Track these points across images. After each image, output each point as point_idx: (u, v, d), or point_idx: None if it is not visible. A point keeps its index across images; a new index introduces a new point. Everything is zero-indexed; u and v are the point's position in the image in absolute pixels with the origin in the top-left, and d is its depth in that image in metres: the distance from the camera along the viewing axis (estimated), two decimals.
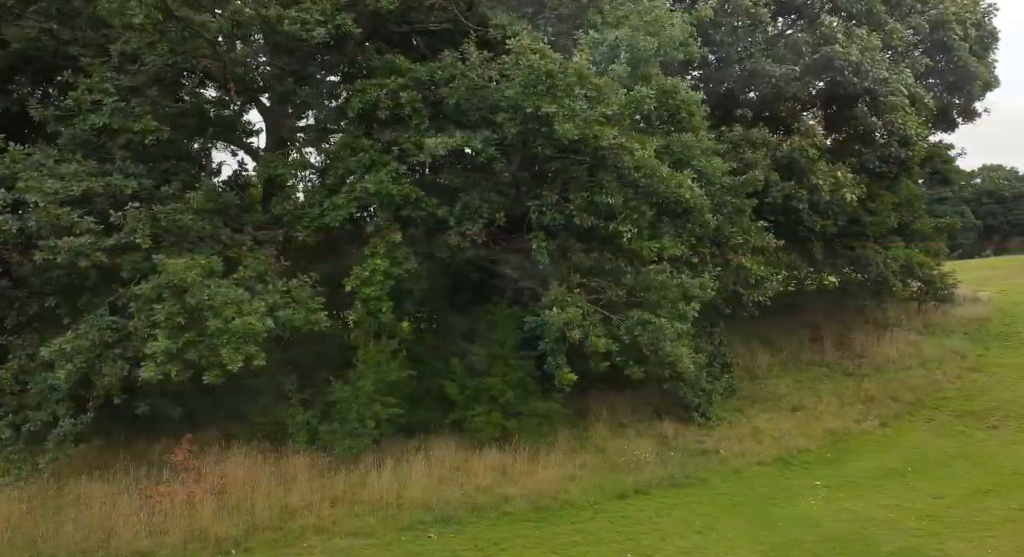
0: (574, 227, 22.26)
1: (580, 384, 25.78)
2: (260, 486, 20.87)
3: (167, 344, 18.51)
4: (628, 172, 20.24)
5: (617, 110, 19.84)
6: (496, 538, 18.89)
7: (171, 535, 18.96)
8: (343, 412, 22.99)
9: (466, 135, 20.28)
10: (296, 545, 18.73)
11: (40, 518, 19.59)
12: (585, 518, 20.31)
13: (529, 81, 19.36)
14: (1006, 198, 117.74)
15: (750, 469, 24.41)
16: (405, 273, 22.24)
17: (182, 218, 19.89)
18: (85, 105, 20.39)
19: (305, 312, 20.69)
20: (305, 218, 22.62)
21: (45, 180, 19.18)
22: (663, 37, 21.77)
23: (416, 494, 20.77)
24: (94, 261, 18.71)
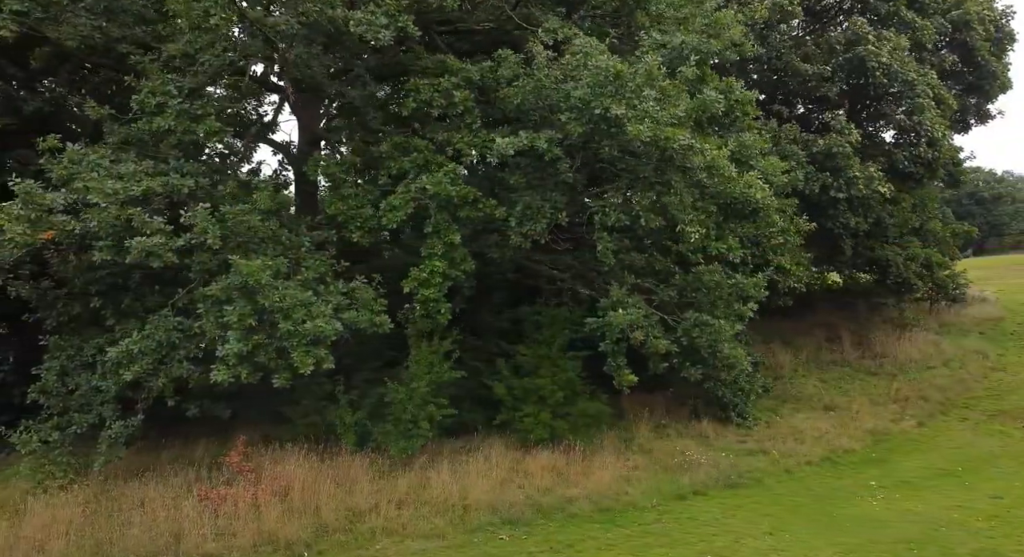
0: (635, 228, 22.21)
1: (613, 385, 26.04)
2: (321, 488, 20.75)
3: (239, 346, 18.32)
4: (696, 173, 20.14)
5: (686, 112, 19.76)
6: (569, 540, 18.84)
7: (239, 538, 18.85)
8: (397, 413, 22.90)
9: (531, 135, 20.07)
10: (368, 547, 18.64)
11: (103, 521, 19.50)
12: (650, 519, 20.30)
13: (597, 82, 19.23)
14: (985, 199, 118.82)
15: (800, 469, 24.48)
16: (462, 274, 22.10)
17: (250, 219, 19.66)
18: (149, 107, 20.10)
19: (369, 314, 20.56)
20: (358, 218, 22.41)
21: (105, 181, 18.91)
22: (724, 39, 21.78)
23: (480, 495, 20.67)
24: (166, 261, 18.45)
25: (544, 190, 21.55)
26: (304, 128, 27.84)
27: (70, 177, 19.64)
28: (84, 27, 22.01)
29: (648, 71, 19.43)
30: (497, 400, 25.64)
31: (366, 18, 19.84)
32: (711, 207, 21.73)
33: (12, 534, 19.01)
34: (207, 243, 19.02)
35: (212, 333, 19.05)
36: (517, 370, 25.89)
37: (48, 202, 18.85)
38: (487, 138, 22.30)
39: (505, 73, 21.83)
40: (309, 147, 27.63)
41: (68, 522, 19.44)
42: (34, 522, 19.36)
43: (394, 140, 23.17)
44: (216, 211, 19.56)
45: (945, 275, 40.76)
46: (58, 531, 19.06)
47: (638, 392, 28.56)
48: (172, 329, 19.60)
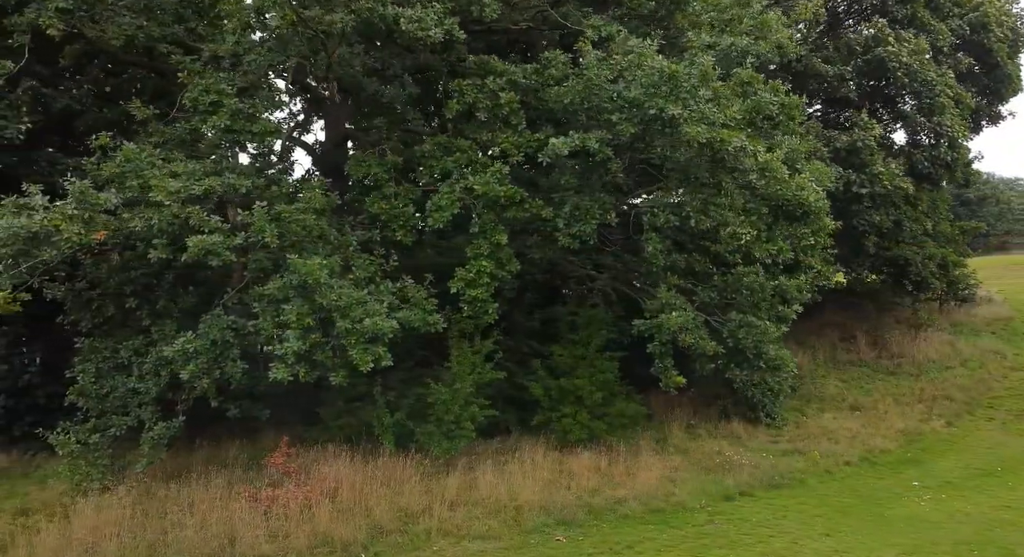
0: (684, 228, 22.23)
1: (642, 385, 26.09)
2: (370, 489, 20.67)
3: (298, 345, 18.23)
4: (746, 174, 20.15)
5: (740, 114, 19.78)
6: (627, 541, 18.85)
7: (293, 539, 18.76)
8: (439, 413, 22.86)
9: (583, 135, 20.04)
10: (425, 549, 18.57)
11: (153, 522, 19.39)
12: (702, 520, 20.33)
13: (652, 82, 19.21)
14: (971, 200, 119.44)
15: (840, 470, 24.57)
16: (508, 275, 22.07)
17: (305, 218, 19.56)
18: (203, 106, 19.96)
19: (422, 313, 20.52)
20: (400, 218, 22.33)
21: (166, 179, 18.78)
22: (771, 41, 21.82)
23: (530, 496, 20.64)
24: (224, 260, 18.33)
25: (592, 190, 21.47)
26: (331, 128, 27.75)
27: (122, 175, 19.45)
28: (128, 26, 21.82)
29: (703, 72, 19.42)
30: (530, 400, 25.67)
31: (417, 16, 19.75)
32: (762, 209, 21.75)
33: (63, 536, 18.85)
34: (264, 242, 18.87)
35: (269, 332, 18.92)
36: (552, 370, 25.87)
37: (102, 202, 18.66)
38: (531, 139, 22.30)
39: (554, 73, 21.73)
40: (335, 147, 27.56)
41: (117, 524, 19.31)
42: (83, 524, 19.21)
43: (436, 140, 23.10)
44: (271, 210, 19.40)
45: (958, 274, 40.93)
46: (108, 533, 18.94)
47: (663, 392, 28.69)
48: (226, 328, 19.40)
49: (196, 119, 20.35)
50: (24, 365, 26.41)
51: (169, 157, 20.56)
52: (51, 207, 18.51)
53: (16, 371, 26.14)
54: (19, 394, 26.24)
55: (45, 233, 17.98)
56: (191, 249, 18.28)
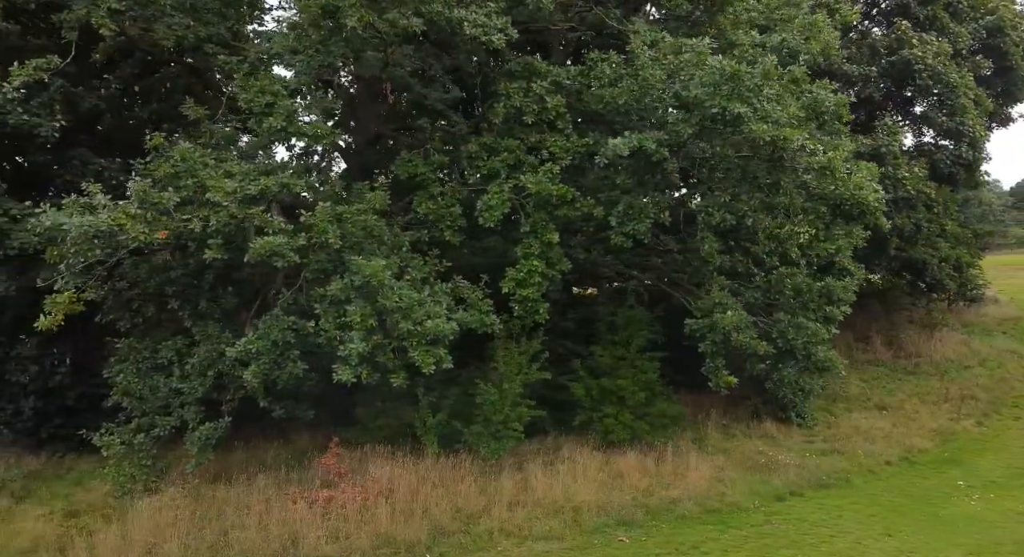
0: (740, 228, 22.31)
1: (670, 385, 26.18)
2: (424, 489, 20.65)
3: (362, 346, 18.17)
4: (801, 173, 20.23)
5: (802, 112, 19.87)
6: (690, 541, 18.91)
7: (355, 540, 18.75)
8: (487, 414, 22.84)
9: (639, 135, 20.06)
10: (490, 549, 18.59)
11: (213, 523, 19.36)
12: (759, 520, 20.40)
13: (713, 81, 19.25)
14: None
15: (882, 469, 24.70)
16: (558, 274, 22.09)
17: (366, 218, 19.52)
18: (259, 107, 19.88)
19: (478, 314, 20.52)
20: (448, 218, 22.31)
21: (222, 179, 18.70)
22: (820, 41, 21.92)
23: (586, 497, 20.67)
24: (289, 261, 18.26)
25: (646, 190, 21.51)
26: (361, 128, 27.65)
27: (176, 175, 19.35)
28: (178, 26, 21.70)
29: (765, 70, 19.49)
30: (565, 400, 25.66)
31: (481, 21, 19.76)
32: (821, 208, 21.85)
33: (122, 537, 18.76)
34: (328, 242, 18.81)
35: (331, 333, 18.84)
36: (591, 371, 25.88)
37: (164, 201, 18.56)
38: (578, 143, 22.36)
39: (608, 74, 21.74)
40: (367, 147, 27.49)
41: (173, 525, 19.26)
42: (140, 525, 19.13)
43: (481, 140, 23.08)
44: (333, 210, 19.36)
45: (969, 275, 41.23)
46: (167, 534, 18.87)
47: (689, 392, 28.84)
48: (286, 329, 19.31)
49: (252, 120, 20.18)
50: (54, 366, 26.08)
51: (220, 157, 20.46)
52: (114, 206, 18.41)
53: (46, 372, 25.81)
54: (48, 395, 25.92)
55: (110, 232, 17.84)
56: (255, 250, 18.21)
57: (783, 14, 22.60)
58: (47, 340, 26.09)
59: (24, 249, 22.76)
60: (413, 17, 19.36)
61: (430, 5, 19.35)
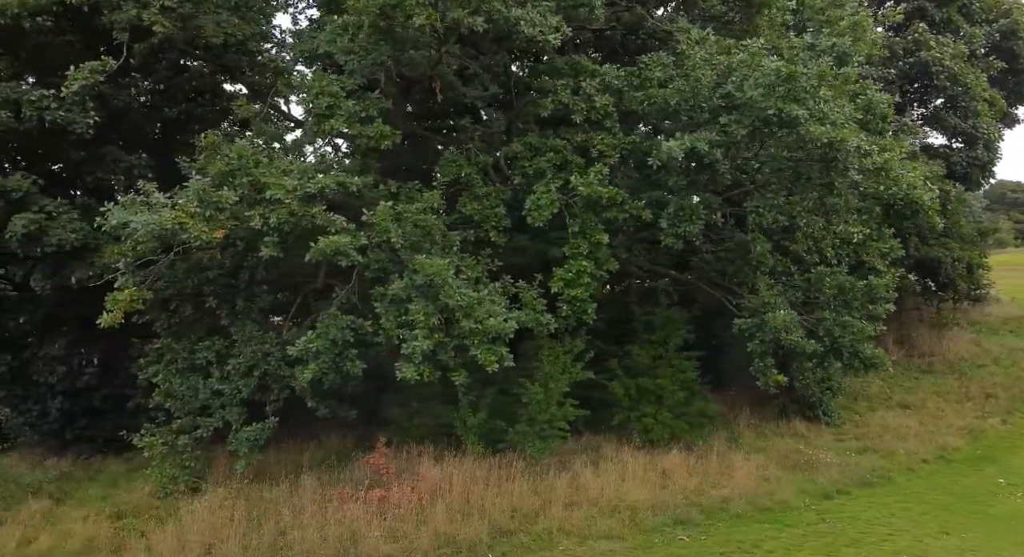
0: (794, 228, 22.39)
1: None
2: (476, 488, 20.61)
3: (426, 344, 18.13)
4: (856, 174, 20.32)
5: (860, 113, 19.98)
6: (751, 540, 18.98)
7: (414, 539, 18.70)
8: (533, 413, 22.83)
9: (692, 136, 20.09)
10: (551, 549, 18.59)
11: (270, 524, 19.21)
12: (813, 519, 20.49)
13: (769, 83, 19.32)
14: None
15: (920, 467, 24.87)
16: (606, 274, 22.10)
17: (425, 217, 19.47)
18: (320, 109, 19.77)
19: (534, 313, 20.52)
20: (493, 218, 22.29)
21: (282, 177, 18.61)
22: (867, 42, 22.06)
23: (639, 496, 20.70)
24: (351, 260, 18.18)
25: (696, 190, 21.56)
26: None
27: (231, 173, 19.23)
28: (227, 23, 21.58)
29: (821, 72, 19.57)
30: (599, 399, 25.66)
31: (537, 19, 19.74)
32: (875, 208, 21.96)
33: (177, 538, 18.60)
34: (390, 241, 18.76)
35: (393, 332, 18.78)
36: (627, 370, 25.91)
37: (223, 200, 18.44)
38: (624, 141, 22.38)
39: (658, 74, 21.76)
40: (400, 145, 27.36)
41: (229, 525, 19.11)
42: (195, 526, 18.98)
43: (525, 140, 23.06)
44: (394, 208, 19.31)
45: (979, 275, 41.59)
46: (224, 534, 18.78)
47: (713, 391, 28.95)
48: (345, 328, 19.23)
49: (311, 122, 20.08)
50: (81, 366, 25.85)
51: (271, 155, 20.36)
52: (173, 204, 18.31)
53: (74, 372, 25.58)
54: (75, 396, 25.69)
55: (172, 231, 17.73)
56: (318, 249, 18.15)
57: (829, 15, 22.61)
58: (76, 340, 25.93)
59: (62, 246, 22.57)
60: (476, 16, 19.28)
61: (491, 3, 19.29)
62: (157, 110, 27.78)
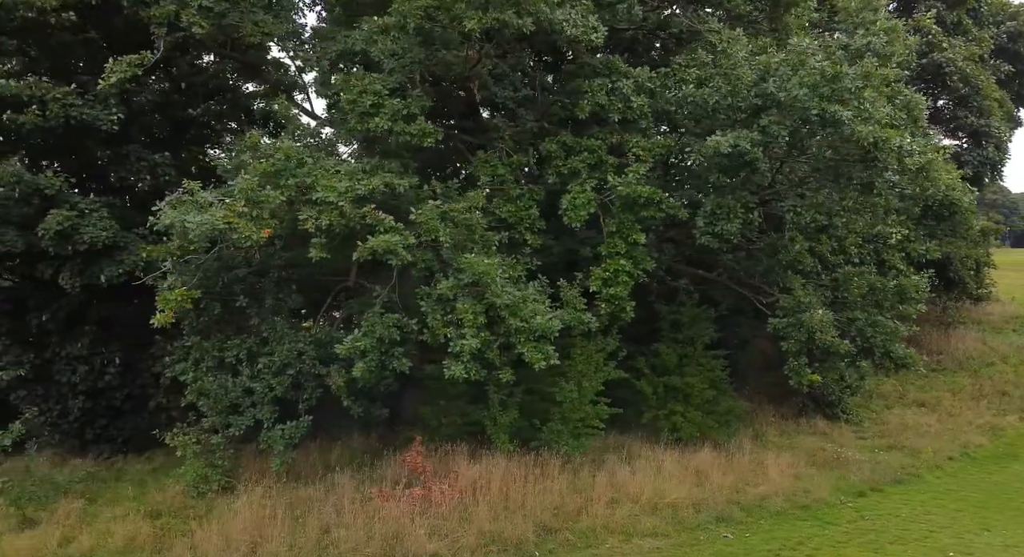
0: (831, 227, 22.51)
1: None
2: (515, 486, 20.63)
3: (475, 343, 18.17)
4: (895, 174, 20.47)
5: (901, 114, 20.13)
6: (795, 537, 19.11)
7: (459, 537, 18.71)
8: (566, 412, 22.88)
9: (735, 135, 20.18)
10: (598, 547, 18.67)
11: (314, 522, 19.20)
12: (853, 517, 20.66)
13: (814, 82, 19.43)
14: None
15: (946, 464, 25.15)
16: (642, 273, 22.18)
17: (471, 217, 19.51)
18: (363, 108, 19.75)
19: (575, 312, 20.62)
20: (527, 219, 22.35)
21: (332, 178, 18.61)
22: (901, 44, 22.21)
23: (679, 494, 20.82)
24: (401, 259, 18.18)
25: (733, 189, 21.65)
26: None
27: (276, 174, 19.22)
28: (264, 23, 21.55)
29: (865, 73, 19.70)
30: (623, 397, 25.69)
31: (580, 19, 19.82)
32: (914, 209, 22.11)
33: (222, 536, 18.53)
34: (439, 240, 18.78)
35: (440, 330, 18.80)
36: (653, 368, 26.02)
37: (271, 200, 18.43)
38: (659, 143, 22.47)
39: (696, 73, 21.85)
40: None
41: (271, 524, 19.07)
42: (237, 525, 18.93)
43: (560, 139, 23.10)
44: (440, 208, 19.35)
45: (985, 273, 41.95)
46: (267, 533, 18.73)
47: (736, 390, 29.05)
48: (391, 326, 19.22)
49: (354, 121, 20.06)
50: (103, 365, 25.72)
51: (312, 155, 20.34)
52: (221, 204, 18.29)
53: (96, 372, 25.44)
54: (96, 395, 25.57)
55: (224, 230, 17.71)
56: (367, 247, 18.16)
57: (864, 17, 22.75)
58: (99, 339, 25.81)
59: (94, 244, 22.50)
60: (526, 18, 19.33)
61: (537, 5, 19.34)
62: (176, 107, 27.66)
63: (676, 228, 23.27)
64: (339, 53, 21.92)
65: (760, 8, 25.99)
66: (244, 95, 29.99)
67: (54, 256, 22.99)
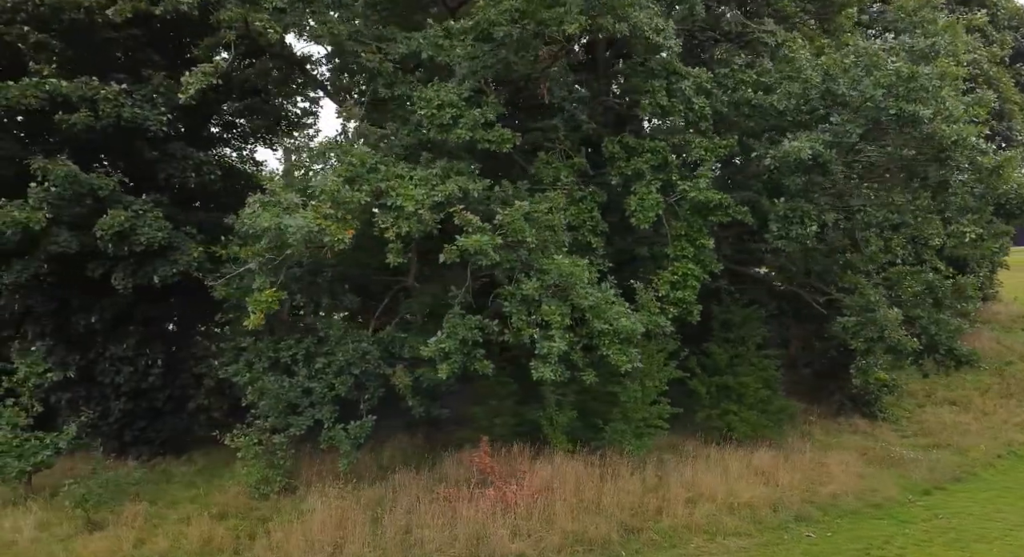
0: (903, 226, 22.65)
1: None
2: (589, 485, 20.65)
3: (562, 344, 18.17)
4: (970, 172, 20.64)
5: (977, 112, 20.32)
6: (879, 536, 19.23)
7: (543, 537, 18.72)
8: (629, 412, 22.88)
9: (810, 137, 20.28)
10: (684, 546, 18.75)
11: (393, 522, 19.02)
12: (927, 515, 20.80)
13: (890, 83, 19.56)
14: None
15: (997, 463, 25.39)
16: (708, 276, 22.26)
17: (553, 218, 19.49)
18: (443, 119, 19.66)
19: (650, 315, 20.66)
20: (590, 222, 22.36)
21: (409, 186, 18.55)
22: (962, 43, 22.42)
23: (752, 493, 20.89)
24: (490, 260, 18.12)
25: (806, 192, 21.74)
26: None
27: (352, 179, 19.15)
28: (332, 23, 21.41)
29: (942, 72, 19.86)
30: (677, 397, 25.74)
31: (657, 23, 19.89)
32: (988, 207, 22.26)
33: (302, 537, 18.45)
34: (526, 241, 18.75)
35: (525, 331, 18.76)
36: (704, 368, 26.11)
37: (356, 201, 18.36)
38: (720, 144, 22.56)
39: (755, 77, 21.92)
40: None
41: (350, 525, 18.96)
42: (314, 525, 18.84)
43: (622, 140, 23.10)
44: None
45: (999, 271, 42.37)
46: (347, 534, 18.70)
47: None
48: (473, 328, 19.16)
49: (432, 130, 19.97)
50: (147, 367, 25.50)
51: (383, 160, 20.24)
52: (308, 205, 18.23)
53: (140, 373, 25.23)
54: (138, 397, 25.35)
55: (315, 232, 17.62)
56: (453, 249, 18.13)
57: (923, 16, 22.92)
58: (144, 340, 25.60)
59: (150, 244, 22.32)
60: (623, 23, 19.37)
61: (627, 10, 19.36)
62: (213, 105, 27.50)
63: (733, 228, 23.28)
64: (403, 55, 21.75)
65: (806, 9, 26.08)
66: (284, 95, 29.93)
67: (106, 256, 22.72)
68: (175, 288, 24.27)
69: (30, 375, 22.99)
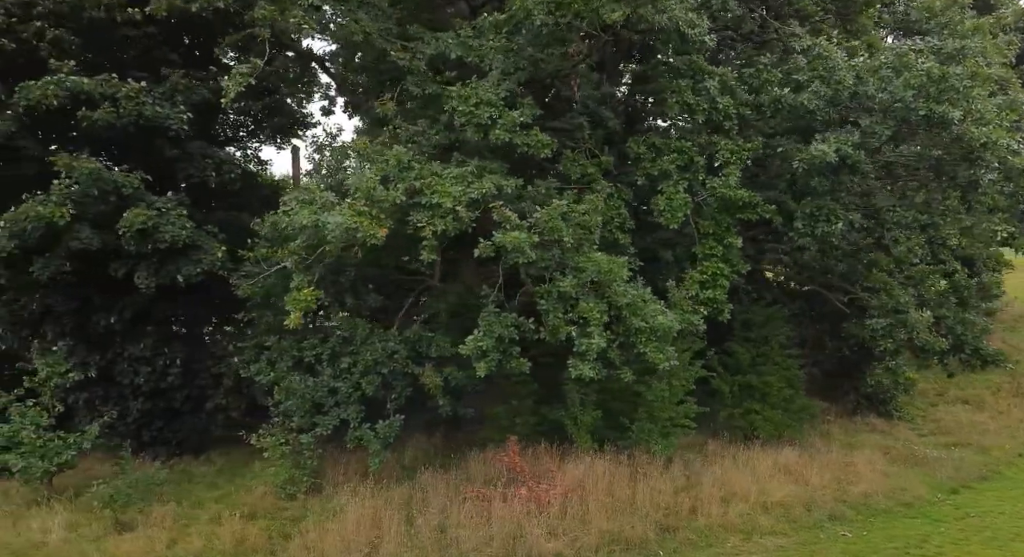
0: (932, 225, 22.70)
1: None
2: (620, 485, 20.60)
3: (601, 342, 18.14)
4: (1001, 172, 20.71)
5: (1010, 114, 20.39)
6: (915, 535, 19.24)
7: (579, 537, 18.61)
8: (655, 411, 22.84)
9: (838, 138, 20.29)
10: (721, 545, 18.74)
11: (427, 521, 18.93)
12: (958, 514, 20.79)
13: (920, 84, 19.60)
14: None
15: (1019, 461, 25.41)
16: (735, 275, 22.27)
17: (589, 218, 19.47)
18: (480, 120, 19.59)
19: (683, 313, 20.64)
20: (617, 219, 22.34)
21: (445, 185, 18.49)
22: (991, 45, 22.50)
23: (784, 492, 20.87)
24: (527, 257, 18.07)
25: (834, 192, 21.77)
26: None
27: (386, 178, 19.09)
28: (364, 22, 21.32)
29: (973, 73, 19.91)
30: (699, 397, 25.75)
31: (697, 22, 19.88)
32: (1019, 206, 22.34)
33: (338, 537, 18.34)
34: (563, 240, 18.71)
35: (562, 329, 18.71)
36: (726, 367, 26.12)
37: (391, 199, 18.29)
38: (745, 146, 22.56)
39: (803, 77, 21.93)
40: None
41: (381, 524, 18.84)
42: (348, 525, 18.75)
43: (647, 140, 23.08)
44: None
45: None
46: (383, 534, 18.57)
47: None
48: (509, 326, 19.11)
49: (469, 131, 19.91)
50: (166, 366, 25.34)
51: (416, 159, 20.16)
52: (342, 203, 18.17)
53: (158, 373, 25.06)
54: (156, 397, 25.19)
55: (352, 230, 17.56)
56: (488, 246, 18.14)
57: (950, 16, 22.99)
58: (163, 339, 25.46)
59: (174, 242, 22.21)
60: (662, 14, 19.35)
61: (666, 3, 19.35)
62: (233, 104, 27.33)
63: (755, 228, 23.31)
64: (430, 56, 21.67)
65: (826, 8, 26.11)
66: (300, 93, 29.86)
67: (129, 255, 22.58)
68: (195, 287, 24.10)
69: (52, 375, 22.74)
